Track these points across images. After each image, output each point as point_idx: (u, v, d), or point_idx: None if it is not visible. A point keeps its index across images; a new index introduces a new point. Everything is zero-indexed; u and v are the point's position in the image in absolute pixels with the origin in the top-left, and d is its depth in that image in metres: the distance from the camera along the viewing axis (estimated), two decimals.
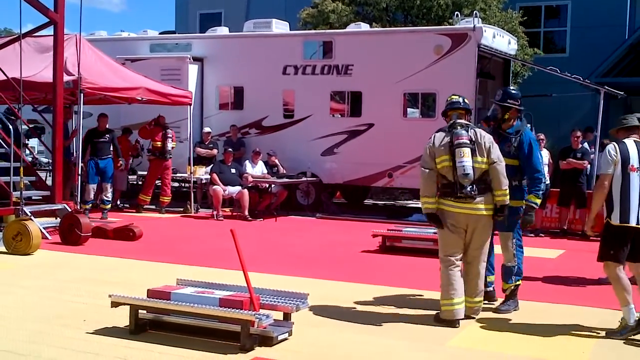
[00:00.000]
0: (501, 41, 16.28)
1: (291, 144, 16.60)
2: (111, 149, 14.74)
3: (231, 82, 17.73)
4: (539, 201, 7.22)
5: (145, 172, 16.31)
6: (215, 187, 14.87)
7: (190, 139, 16.07)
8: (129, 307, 6.13)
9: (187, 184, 16.88)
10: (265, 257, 10.11)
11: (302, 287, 7.04)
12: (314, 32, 19.61)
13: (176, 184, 18.86)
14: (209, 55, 17.73)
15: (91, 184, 14.33)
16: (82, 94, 12.71)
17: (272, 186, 15.75)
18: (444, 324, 6.64)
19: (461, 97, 7.18)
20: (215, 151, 16.77)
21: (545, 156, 13.39)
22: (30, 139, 17.46)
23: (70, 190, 13.72)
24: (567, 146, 13.81)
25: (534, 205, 7.16)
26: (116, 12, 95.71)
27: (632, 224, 6.36)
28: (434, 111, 15.85)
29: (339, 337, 6.27)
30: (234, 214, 15.25)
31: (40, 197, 12.63)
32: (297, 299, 6.22)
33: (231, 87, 17.83)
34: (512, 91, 7.66)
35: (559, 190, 13.72)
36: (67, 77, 12.55)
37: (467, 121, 6.98)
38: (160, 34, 19.53)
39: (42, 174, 14.23)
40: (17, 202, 11.04)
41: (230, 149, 15.62)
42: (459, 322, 6.65)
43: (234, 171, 15.24)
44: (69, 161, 13.44)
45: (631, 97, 19.81)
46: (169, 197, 15.85)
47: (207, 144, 16.89)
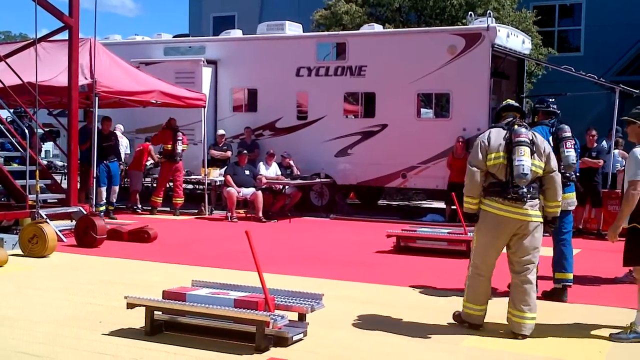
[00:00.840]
0: (515, 40, 16.23)
1: (305, 146, 16.62)
2: (115, 152, 14.94)
3: (245, 85, 17.78)
4: None
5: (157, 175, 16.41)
6: (229, 189, 14.90)
7: (204, 141, 16.12)
8: (144, 308, 6.15)
9: (201, 186, 16.93)
10: (279, 258, 10.12)
11: (317, 287, 7.05)
12: (327, 33, 19.62)
13: (190, 186, 18.93)
14: (222, 57, 17.78)
15: (103, 186, 14.47)
16: (97, 98, 12.79)
17: (286, 187, 15.77)
18: (463, 324, 6.54)
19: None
20: (229, 153, 16.82)
21: None
22: (45, 143, 17.58)
23: (85, 192, 13.81)
24: (583, 145, 13.71)
25: None
26: (131, 16, 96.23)
27: None
28: (448, 111, 15.84)
29: (354, 337, 6.27)
30: (248, 215, 15.28)
31: (55, 200, 12.71)
32: (312, 300, 6.21)
33: (245, 89, 17.87)
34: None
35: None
36: (82, 81, 12.62)
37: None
38: (174, 37, 19.59)
39: (57, 177, 14.31)
40: (33, 205, 11.11)
41: (244, 151, 15.65)
42: (482, 326, 6.50)
43: (248, 173, 15.27)
44: (88, 165, 13.48)
45: None
46: (182, 199, 15.92)
47: (221, 146, 16.94)
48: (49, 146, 19.03)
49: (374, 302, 7.66)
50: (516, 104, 6.84)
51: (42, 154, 19.24)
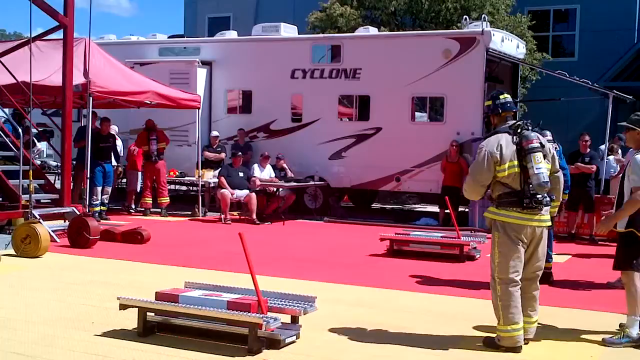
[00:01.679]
0: (510, 45, 16.27)
1: (299, 148, 16.61)
2: (112, 153, 14.91)
3: (239, 86, 17.77)
4: None
5: None
6: (223, 190, 14.89)
7: (198, 142, 16.11)
8: (137, 309, 6.15)
9: (195, 188, 16.91)
10: (273, 261, 10.12)
11: (310, 290, 7.06)
12: (322, 35, 19.63)
13: (184, 188, 18.90)
14: (217, 59, 17.77)
15: (98, 186, 14.47)
16: (91, 98, 12.77)
17: (280, 190, 15.77)
18: (501, 350, 6.03)
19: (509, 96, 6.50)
20: (223, 155, 16.81)
21: None
22: (39, 142, 17.53)
23: (79, 192, 13.80)
24: (576, 150, 13.77)
25: None
26: (126, 16, 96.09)
27: None
28: (442, 115, 15.85)
29: (347, 340, 6.27)
30: (242, 217, 15.26)
31: (49, 200, 12.68)
32: (305, 302, 6.22)
33: (239, 90, 17.86)
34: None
35: (567, 194, 13.66)
36: (76, 81, 12.60)
37: None
38: (169, 37, 19.57)
39: (51, 177, 14.29)
40: (26, 205, 11.08)
41: (239, 153, 15.64)
42: (522, 348, 6.05)
43: (241, 175, 15.26)
44: (82, 164, 13.46)
45: None
46: (167, 198, 15.90)
47: (215, 147, 16.92)
48: (42, 146, 18.93)
49: (366, 305, 7.67)
50: (514, 104, 6.50)
51: (43, 154, 19.11)
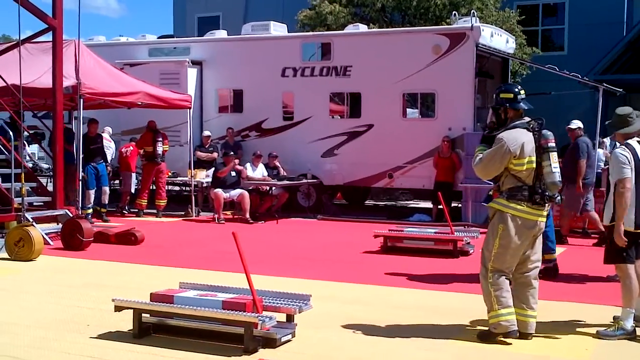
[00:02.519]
0: (499, 40, 16.30)
1: (291, 146, 16.61)
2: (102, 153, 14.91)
3: (230, 85, 17.74)
4: None
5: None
6: (216, 190, 14.88)
7: (190, 142, 16.09)
8: (132, 311, 6.15)
9: (188, 188, 16.89)
10: (267, 259, 10.12)
11: (305, 288, 7.06)
12: (312, 33, 19.62)
13: (177, 188, 18.88)
14: (207, 58, 17.74)
15: (91, 188, 14.42)
16: (81, 100, 12.74)
17: (273, 188, 15.76)
18: (497, 338, 6.11)
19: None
20: (215, 154, 16.79)
21: None
22: (30, 145, 17.49)
23: (73, 194, 13.76)
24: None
25: None
26: (115, 17, 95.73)
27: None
28: (434, 111, 15.88)
29: (342, 338, 6.28)
30: (235, 216, 15.26)
31: (41, 203, 12.65)
32: (300, 301, 6.23)
33: (230, 90, 17.83)
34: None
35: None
36: (66, 83, 12.56)
37: None
38: (158, 38, 19.51)
39: (43, 180, 14.25)
40: (18, 209, 11.05)
41: (231, 153, 15.63)
42: (518, 332, 6.14)
43: (234, 174, 15.25)
44: (71, 166, 13.43)
45: (630, 94, 19.83)
46: (165, 200, 15.88)
47: (207, 147, 16.90)
48: (34, 148, 18.88)
49: (361, 302, 7.69)
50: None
51: (26, 157, 19.12)
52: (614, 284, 7.42)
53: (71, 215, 11.73)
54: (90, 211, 14.24)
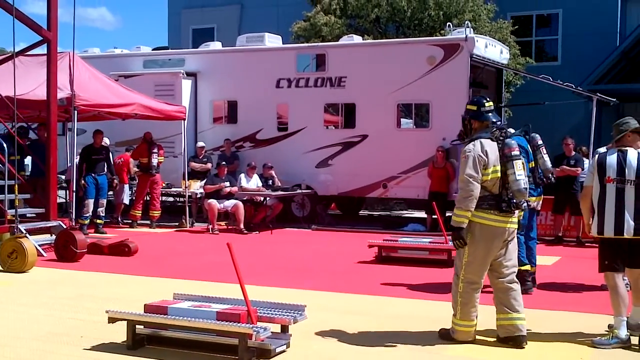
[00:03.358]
0: (493, 51, 16.37)
1: (285, 157, 16.62)
2: (105, 165, 14.83)
3: (225, 97, 17.76)
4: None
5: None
6: (210, 200, 14.86)
7: (184, 153, 16.09)
8: (126, 322, 6.12)
9: (182, 199, 16.89)
10: (261, 270, 10.11)
11: (299, 299, 7.05)
12: (306, 45, 19.66)
13: (171, 199, 18.86)
14: (202, 70, 17.77)
15: (90, 198, 14.40)
16: (75, 111, 12.73)
17: (267, 199, 15.76)
18: (451, 341, 6.40)
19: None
20: (209, 165, 16.79)
21: None
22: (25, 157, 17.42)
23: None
24: (561, 154, 13.85)
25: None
26: (109, 29, 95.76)
27: (608, 235, 6.46)
28: (428, 121, 15.91)
29: (337, 348, 6.26)
30: (230, 227, 15.25)
31: (34, 215, 12.61)
32: (295, 311, 6.21)
33: (225, 101, 17.86)
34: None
35: (553, 197, 13.74)
36: (60, 95, 12.55)
37: None
38: (153, 49, 19.56)
39: None
40: (11, 220, 11.01)
41: (223, 163, 15.63)
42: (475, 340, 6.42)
43: (227, 185, 15.24)
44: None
45: (624, 103, 19.89)
46: (159, 212, 15.87)
47: (201, 158, 16.91)
48: (27, 160, 18.81)
49: (356, 312, 7.67)
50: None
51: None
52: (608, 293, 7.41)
53: (65, 226, 11.70)
54: (87, 222, 14.24)
